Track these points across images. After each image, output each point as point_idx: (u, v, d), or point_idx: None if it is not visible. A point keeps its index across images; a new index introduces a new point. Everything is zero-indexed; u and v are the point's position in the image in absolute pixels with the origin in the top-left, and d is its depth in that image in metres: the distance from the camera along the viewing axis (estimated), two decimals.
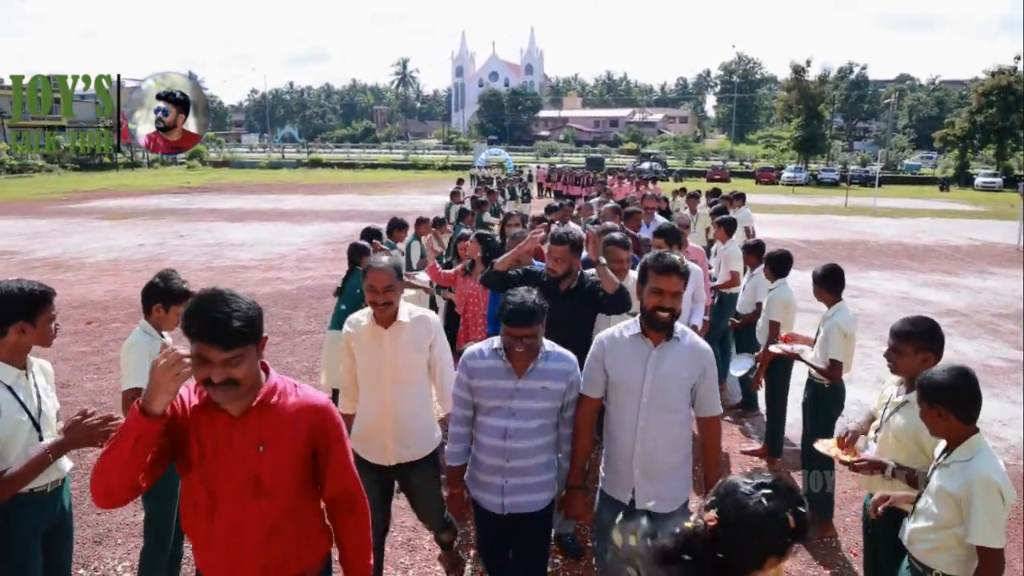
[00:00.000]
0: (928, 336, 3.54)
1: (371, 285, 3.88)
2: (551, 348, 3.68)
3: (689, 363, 3.52)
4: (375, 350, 4.01)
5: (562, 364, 3.67)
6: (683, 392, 3.53)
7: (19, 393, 3.20)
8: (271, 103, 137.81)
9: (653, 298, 3.44)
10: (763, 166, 64.93)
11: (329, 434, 2.64)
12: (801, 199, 42.53)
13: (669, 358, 3.50)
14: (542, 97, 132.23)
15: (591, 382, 3.69)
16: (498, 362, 3.61)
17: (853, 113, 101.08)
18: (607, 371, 3.62)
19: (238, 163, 71.06)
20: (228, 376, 2.35)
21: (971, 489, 2.90)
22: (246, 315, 2.36)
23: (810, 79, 70.93)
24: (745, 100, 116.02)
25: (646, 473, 3.54)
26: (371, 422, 4.07)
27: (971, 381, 3.00)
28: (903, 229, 27.47)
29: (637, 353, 3.54)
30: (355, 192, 42.06)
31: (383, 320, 3.98)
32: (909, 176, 64.46)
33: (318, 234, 23.11)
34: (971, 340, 11.24)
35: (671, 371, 3.49)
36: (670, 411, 3.51)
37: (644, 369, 3.49)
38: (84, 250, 19.31)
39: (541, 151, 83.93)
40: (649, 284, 3.46)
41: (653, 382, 3.48)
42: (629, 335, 3.59)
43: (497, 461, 3.61)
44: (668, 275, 3.41)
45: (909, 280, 16.50)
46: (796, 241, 22.27)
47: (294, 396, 2.58)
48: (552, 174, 39.82)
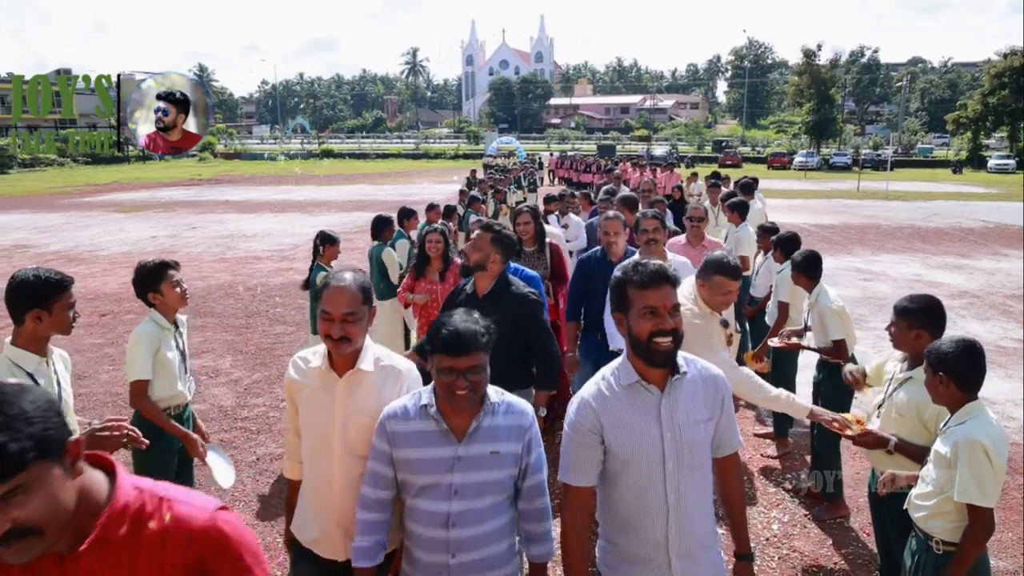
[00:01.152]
0: (925, 313, 3.57)
1: (326, 310, 2.82)
2: (498, 397, 2.81)
3: (707, 399, 2.70)
4: (324, 405, 2.96)
5: (515, 418, 2.80)
6: (707, 438, 2.73)
7: (40, 380, 3.25)
8: (281, 94, 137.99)
9: (646, 322, 2.56)
10: (775, 151, 64.64)
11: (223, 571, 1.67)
12: (813, 184, 42.30)
13: (683, 401, 2.65)
14: (553, 85, 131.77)
15: (580, 466, 2.69)
16: (429, 424, 2.71)
17: (865, 97, 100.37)
18: (609, 446, 2.65)
19: (249, 155, 71.26)
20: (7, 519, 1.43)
21: (957, 449, 2.97)
22: (24, 433, 1.42)
23: (821, 63, 70.52)
24: (756, 85, 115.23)
25: (686, 555, 2.69)
26: (316, 502, 3.05)
27: (976, 353, 3.07)
28: (916, 212, 27.31)
29: (642, 408, 2.63)
30: (366, 182, 42.16)
31: (340, 363, 2.94)
32: (922, 159, 64.11)
33: (330, 224, 23.08)
34: (984, 321, 11.21)
35: (690, 417, 2.65)
36: (698, 467, 2.68)
37: (659, 426, 2.61)
38: (97, 243, 19.46)
39: (552, 139, 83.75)
40: (636, 306, 2.59)
41: (674, 440, 2.62)
42: (623, 385, 2.65)
43: (439, 558, 2.72)
44: (657, 286, 2.57)
45: (922, 263, 16.43)
46: (808, 225, 22.18)
47: (157, 520, 1.62)
48: (564, 161, 39.72)
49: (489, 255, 4.40)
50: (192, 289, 12.98)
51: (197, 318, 11.24)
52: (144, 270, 4.12)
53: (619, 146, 69.26)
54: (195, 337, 10.32)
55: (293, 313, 11.55)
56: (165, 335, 4.09)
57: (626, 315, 2.64)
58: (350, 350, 2.88)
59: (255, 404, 7.75)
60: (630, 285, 2.61)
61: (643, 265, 2.63)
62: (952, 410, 3.12)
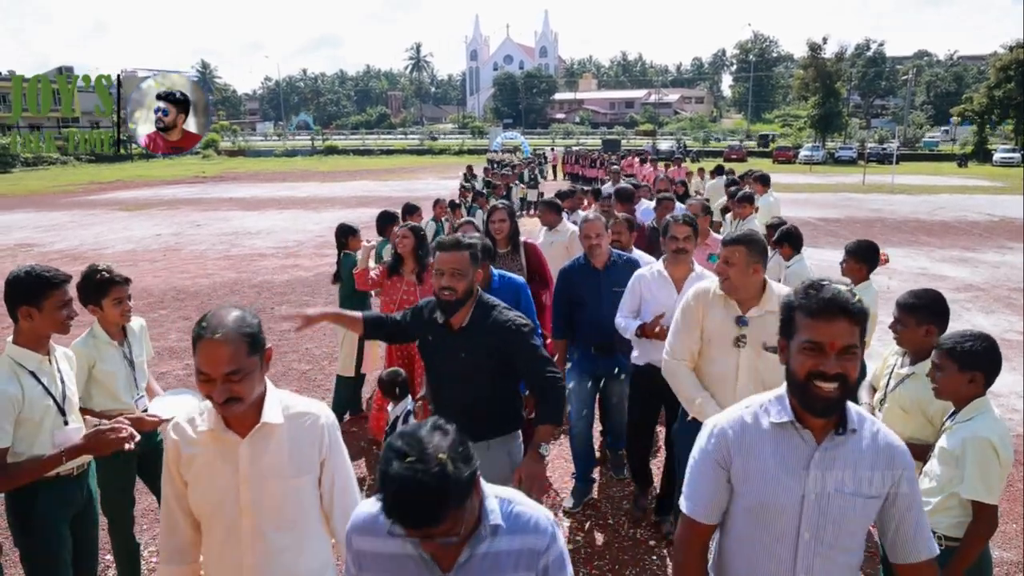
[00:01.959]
0: (931, 309, 3.53)
1: (202, 371, 2.24)
2: (501, 510, 2.00)
3: (876, 472, 2.14)
4: (224, 476, 2.39)
5: (525, 539, 2.00)
6: (864, 521, 2.16)
7: (43, 379, 3.26)
8: (285, 91, 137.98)
9: (806, 358, 2.06)
10: (779, 145, 64.55)
11: None
12: (818, 177, 42.22)
13: (843, 463, 2.12)
14: (557, 80, 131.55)
15: (702, 498, 2.26)
16: (406, 547, 1.96)
17: (870, 90, 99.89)
18: (736, 489, 2.22)
19: (253, 152, 71.32)
20: None
21: (965, 445, 2.96)
22: None
23: (827, 57, 70.30)
24: (761, 79, 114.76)
25: None
26: None
27: (998, 349, 3.12)
28: (921, 206, 27.23)
29: (789, 455, 2.15)
30: (371, 178, 42.15)
31: (238, 421, 2.37)
32: (927, 153, 63.89)
33: (335, 221, 23.01)
34: (989, 315, 11.18)
35: (847, 486, 2.12)
36: (843, 551, 2.17)
37: (803, 484, 2.12)
38: (101, 241, 19.50)
39: (557, 134, 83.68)
40: (799, 337, 2.09)
41: (818, 507, 2.12)
42: (773, 423, 2.18)
43: None
44: (828, 318, 2.04)
45: (927, 256, 16.38)
46: (814, 219, 22.13)
47: None
48: (567, 157, 39.66)
49: (470, 280, 3.48)
50: (197, 287, 13.19)
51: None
52: (89, 280, 3.89)
53: (624, 141, 69.05)
54: None
55: (299, 310, 11.55)
56: (104, 350, 3.93)
57: (789, 343, 2.15)
58: (241, 409, 2.31)
59: None
60: (798, 311, 2.11)
61: (816, 288, 2.09)
62: (959, 406, 3.09)
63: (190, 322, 10.91)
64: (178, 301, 12.40)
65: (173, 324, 10.89)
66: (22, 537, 3.36)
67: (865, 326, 2.07)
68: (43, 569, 3.39)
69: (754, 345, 3.71)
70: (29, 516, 3.31)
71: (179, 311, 11.69)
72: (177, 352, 9.42)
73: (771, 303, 3.67)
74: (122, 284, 3.95)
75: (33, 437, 3.18)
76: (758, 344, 3.69)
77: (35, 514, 3.30)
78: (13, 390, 3.13)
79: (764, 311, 3.70)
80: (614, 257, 5.25)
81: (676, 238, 4.73)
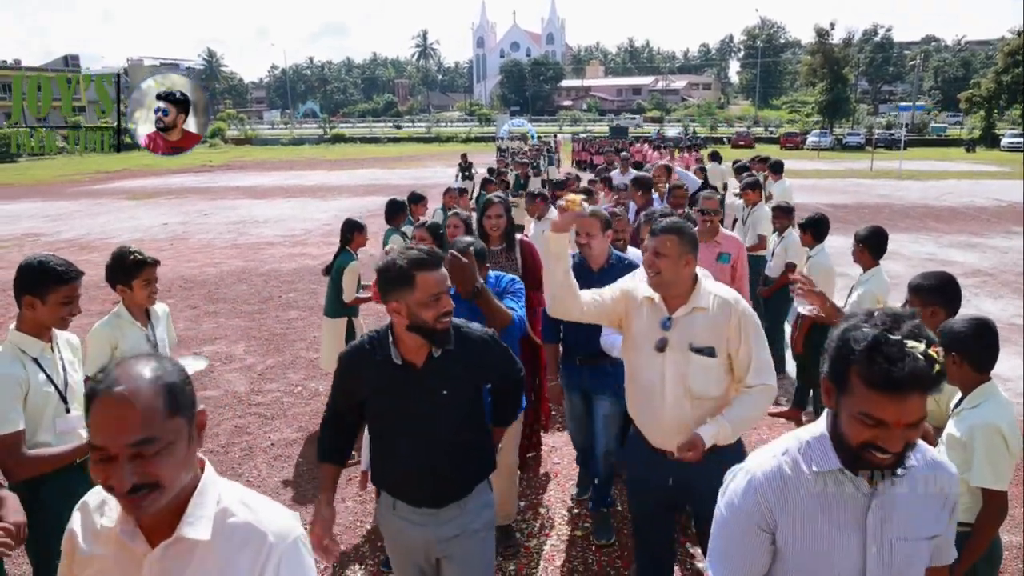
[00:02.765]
0: (935, 290, 3.52)
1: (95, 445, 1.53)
2: None
3: (934, 507, 1.93)
4: None
5: None
6: (926, 561, 1.97)
7: (45, 365, 3.28)
8: (292, 79, 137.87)
9: (862, 429, 1.73)
10: (787, 131, 64.31)
11: None
12: (826, 163, 42.03)
13: (902, 507, 1.88)
14: (564, 66, 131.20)
15: (737, 563, 1.98)
16: None
17: (878, 76, 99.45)
18: (784, 552, 1.93)
19: (260, 140, 71.33)
20: None
21: (974, 433, 2.94)
22: None
23: (834, 42, 69.99)
24: (769, 65, 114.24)
25: None
26: None
27: (989, 332, 3.03)
28: (929, 191, 27.09)
29: (841, 508, 1.87)
30: (378, 166, 42.13)
31: (150, 524, 1.64)
32: (935, 138, 63.53)
33: (343, 209, 23.15)
34: (997, 299, 11.14)
35: (909, 531, 1.89)
36: None
37: (863, 537, 1.87)
38: (109, 230, 19.55)
39: (564, 121, 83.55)
40: (855, 402, 1.72)
41: (881, 559, 1.87)
42: (816, 472, 1.87)
43: None
44: (901, 396, 1.66)
45: (935, 242, 16.32)
46: (821, 205, 22.00)
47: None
48: (576, 143, 39.59)
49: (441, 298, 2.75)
50: (205, 275, 13.23)
51: (210, 304, 11.32)
52: (121, 261, 4.02)
53: (631, 128, 68.85)
54: (208, 323, 10.40)
55: (306, 298, 11.58)
56: (128, 330, 4.04)
57: (839, 396, 1.78)
58: (160, 503, 1.57)
59: (269, 390, 7.80)
60: (857, 374, 1.70)
61: (887, 355, 1.64)
62: (965, 391, 3.08)
63: (198, 311, 10.94)
64: (186, 290, 12.43)
65: (181, 313, 10.92)
66: (28, 529, 3.37)
67: None
68: (47, 561, 3.40)
69: (680, 349, 3.26)
70: (33, 508, 3.27)
71: (187, 300, 11.72)
72: (185, 341, 9.43)
73: (700, 299, 3.28)
74: (152, 266, 4.09)
75: (36, 424, 3.21)
76: (685, 347, 3.26)
77: (39, 505, 3.28)
78: (19, 372, 3.16)
79: (691, 308, 3.28)
80: (613, 259, 4.61)
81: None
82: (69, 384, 3.40)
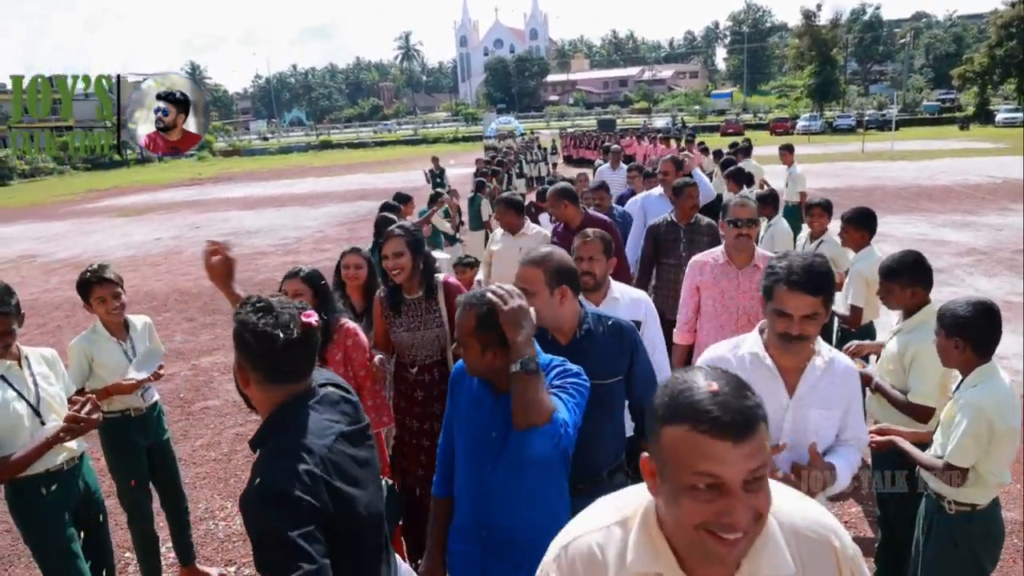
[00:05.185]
0: (908, 271, 3.62)
1: None
2: None
3: None
4: None
5: None
6: None
7: (13, 382, 3.37)
8: (276, 87, 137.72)
9: None
10: (777, 116, 64.34)
11: None
12: (817, 148, 41.99)
13: None
14: (549, 61, 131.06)
15: None
16: None
17: (868, 56, 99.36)
18: None
19: (248, 151, 71.28)
20: None
21: (961, 411, 2.97)
22: None
23: (822, 24, 69.98)
24: (756, 50, 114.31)
25: None
26: None
27: (994, 316, 3.03)
28: (922, 171, 27.08)
29: None
30: (366, 171, 42.11)
31: None
32: (928, 117, 63.43)
33: (333, 216, 23.17)
34: (992, 278, 11.13)
35: None
36: None
37: None
38: (103, 248, 19.51)
39: (552, 116, 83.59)
40: None
41: None
42: None
43: None
44: None
45: (928, 222, 16.32)
46: (811, 190, 21.97)
47: None
48: (565, 139, 39.50)
49: None
50: (200, 288, 13.21)
51: (207, 315, 11.33)
52: (79, 281, 4.18)
53: (619, 120, 68.87)
54: (205, 335, 10.41)
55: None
56: (103, 345, 4.18)
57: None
58: None
59: None
60: None
61: None
62: (965, 373, 3.07)
63: (195, 323, 10.95)
64: (181, 303, 12.43)
65: (178, 326, 10.92)
66: (30, 535, 3.51)
67: None
68: (56, 563, 3.52)
69: None
70: (31, 514, 3.48)
71: (183, 313, 11.71)
72: (184, 353, 9.45)
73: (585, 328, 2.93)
74: (102, 284, 4.12)
75: (12, 440, 3.30)
76: None
77: (36, 511, 3.46)
78: None
79: None
80: (587, 324, 2.97)
81: None
82: (43, 398, 3.47)
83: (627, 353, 2.98)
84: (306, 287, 3.88)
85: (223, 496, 5.73)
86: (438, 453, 2.86)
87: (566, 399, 2.47)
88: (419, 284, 4.10)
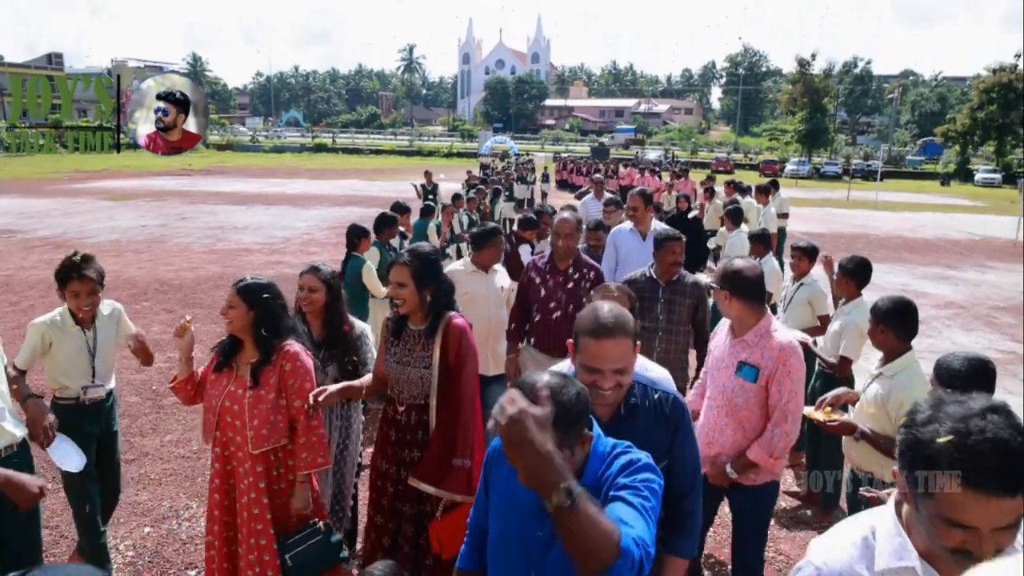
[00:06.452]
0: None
1: None
2: None
3: None
4: None
5: None
6: None
7: None
8: (276, 87, 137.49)
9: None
10: (767, 159, 65.02)
11: None
12: (804, 192, 42.46)
13: None
14: (548, 86, 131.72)
15: None
16: None
17: (856, 107, 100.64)
18: None
19: (242, 146, 70.97)
20: None
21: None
22: None
23: (815, 73, 70.94)
24: (750, 92, 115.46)
25: None
26: None
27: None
28: (904, 223, 27.50)
29: None
30: (359, 177, 42.04)
31: None
32: (911, 171, 64.49)
33: (322, 218, 23.13)
34: (969, 332, 11.29)
35: None
36: None
37: None
38: (86, 230, 19.37)
39: (547, 139, 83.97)
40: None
41: None
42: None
43: None
44: None
45: (909, 273, 16.55)
46: (798, 233, 22.19)
47: None
48: (559, 163, 39.71)
49: None
50: (181, 279, 13.13)
51: (187, 308, 11.23)
52: (60, 265, 4.08)
53: (613, 149, 69.27)
54: None
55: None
56: (66, 332, 4.12)
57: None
58: None
59: None
60: None
61: None
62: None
63: (174, 315, 10.87)
64: (161, 293, 12.32)
65: (156, 316, 10.83)
66: None
67: None
68: None
69: None
70: None
71: (162, 303, 11.62)
72: (160, 344, 9.35)
73: None
74: (82, 280, 4.03)
75: None
76: None
77: None
78: None
79: None
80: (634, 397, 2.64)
81: None
82: None
83: (670, 432, 2.59)
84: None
85: (188, 495, 5.57)
86: (469, 524, 2.50)
87: (639, 504, 1.90)
88: (423, 317, 3.75)
